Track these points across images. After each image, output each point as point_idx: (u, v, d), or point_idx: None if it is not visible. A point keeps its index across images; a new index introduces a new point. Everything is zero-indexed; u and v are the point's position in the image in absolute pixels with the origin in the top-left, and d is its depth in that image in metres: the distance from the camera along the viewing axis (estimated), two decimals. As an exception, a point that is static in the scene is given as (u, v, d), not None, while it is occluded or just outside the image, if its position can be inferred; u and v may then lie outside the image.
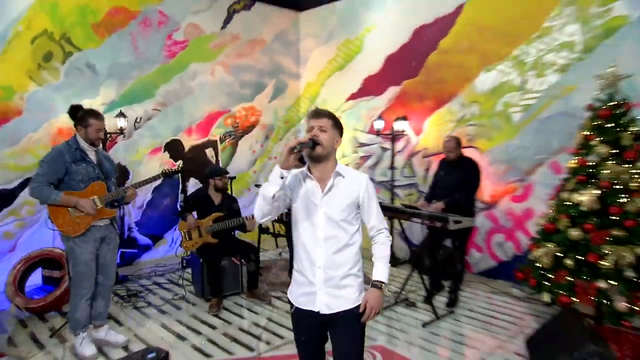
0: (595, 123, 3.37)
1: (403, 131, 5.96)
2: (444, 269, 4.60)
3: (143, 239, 6.05)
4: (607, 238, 3.11)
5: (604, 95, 3.46)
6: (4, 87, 4.80)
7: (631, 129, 3.25)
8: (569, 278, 3.20)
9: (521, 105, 5.03)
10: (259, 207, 1.97)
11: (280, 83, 7.42)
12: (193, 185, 6.48)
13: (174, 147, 6.25)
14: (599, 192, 3.18)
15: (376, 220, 2.07)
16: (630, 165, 3.19)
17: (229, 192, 5.25)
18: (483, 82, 5.34)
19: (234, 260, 4.51)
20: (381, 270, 2.02)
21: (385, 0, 6.30)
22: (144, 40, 5.78)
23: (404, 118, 5.88)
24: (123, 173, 5.73)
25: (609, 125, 3.29)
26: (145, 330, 3.78)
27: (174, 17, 6.03)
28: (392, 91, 6.32)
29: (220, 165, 6.74)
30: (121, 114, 5.25)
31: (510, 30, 5.06)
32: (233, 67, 6.76)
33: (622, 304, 2.98)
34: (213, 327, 3.82)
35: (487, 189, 5.34)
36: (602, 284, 3.08)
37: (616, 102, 3.34)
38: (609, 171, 3.18)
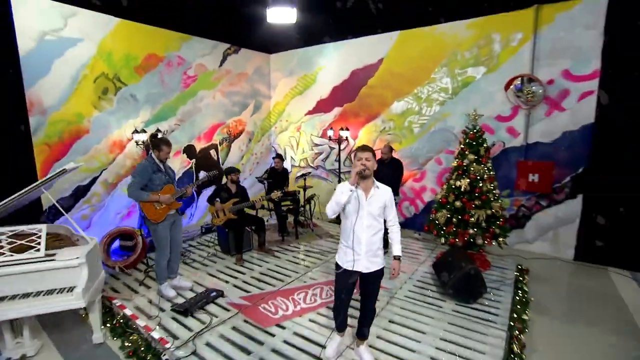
0: (467, 141, 4.29)
1: (346, 138, 6.64)
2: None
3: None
4: (473, 206, 4.09)
5: (470, 126, 4.36)
6: (77, 114, 4.74)
7: (484, 145, 4.22)
8: (454, 229, 4.16)
9: (418, 124, 5.94)
10: (332, 209, 2.27)
11: (257, 102, 7.70)
12: (202, 175, 6.66)
13: (189, 150, 6.39)
14: (469, 180, 4.13)
15: (393, 217, 2.42)
16: (484, 166, 4.17)
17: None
18: (396, 107, 6.15)
19: (247, 229, 4.95)
20: (398, 249, 2.45)
21: (331, 51, 6.81)
22: (169, 75, 5.81)
23: (347, 129, 6.55)
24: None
25: (474, 143, 4.22)
26: (199, 277, 4.18)
27: (188, 59, 6.08)
28: (337, 110, 6.95)
29: (220, 161, 6.98)
30: (158, 130, 5.34)
31: (412, 77, 5.89)
32: (227, 93, 6.93)
33: (479, 241, 4.02)
34: (242, 273, 4.33)
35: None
36: (470, 231, 4.09)
37: (476, 130, 4.28)
38: (474, 169, 4.13)
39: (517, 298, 3.64)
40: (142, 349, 2.82)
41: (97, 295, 2.97)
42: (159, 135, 5.50)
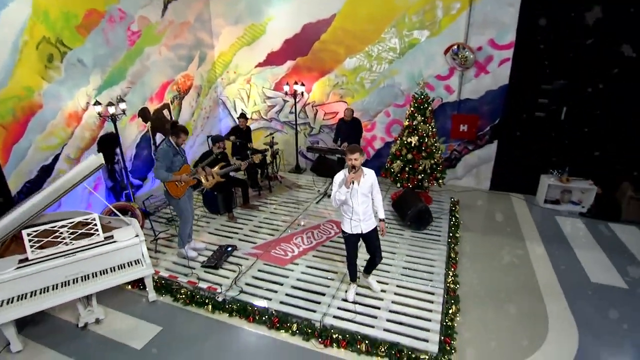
0: (416, 105, 5.89)
1: (301, 93, 7.76)
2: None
3: (135, 181, 6.91)
4: (421, 157, 5.89)
5: (419, 92, 5.94)
6: (26, 88, 4.94)
7: (429, 109, 5.89)
8: (407, 176, 5.98)
9: (369, 79, 7.36)
10: (336, 203, 3.52)
11: (202, 53, 8.11)
12: (159, 138, 7.29)
13: (144, 113, 6.87)
14: (417, 137, 5.85)
15: (376, 191, 3.64)
16: (429, 125, 5.90)
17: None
18: (348, 64, 7.40)
19: (233, 190, 6.11)
20: (382, 213, 3.73)
21: (281, 1, 7.44)
22: (113, 33, 6.01)
23: (302, 84, 7.63)
24: (115, 139, 6.29)
25: (421, 107, 5.86)
26: (206, 238, 5.35)
27: (129, 12, 6.23)
28: (289, 63, 7.89)
29: (174, 118, 7.57)
30: (121, 100, 5.80)
31: (363, 36, 7.11)
32: (172, 46, 7.26)
33: (425, 183, 5.94)
34: (240, 229, 5.63)
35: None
36: (419, 177, 5.95)
37: (424, 96, 5.89)
38: (421, 128, 5.83)
39: (452, 222, 5.75)
40: (197, 296, 4.12)
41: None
42: (121, 103, 5.89)
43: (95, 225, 3.65)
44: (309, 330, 3.63)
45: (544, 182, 6.51)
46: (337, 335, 3.55)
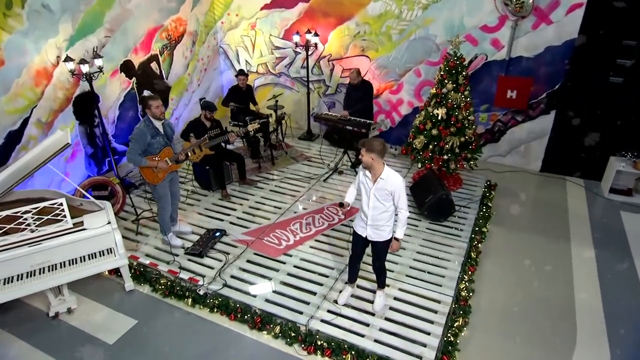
0: (447, 68, 5.73)
1: (315, 44, 7.65)
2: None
3: (120, 147, 7.26)
4: (449, 133, 5.82)
5: (452, 52, 5.74)
6: (-18, 41, 5.17)
7: (463, 73, 5.72)
8: (430, 154, 5.96)
9: (397, 29, 7.14)
10: (351, 197, 3.85)
11: (197, -9, 8.07)
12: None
13: (127, 67, 7.07)
14: (445, 109, 5.75)
15: (401, 204, 3.55)
16: (462, 94, 5.76)
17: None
18: (373, 9, 7.17)
19: (227, 163, 6.35)
20: (399, 232, 3.66)
21: None
22: (83, -31, 6.07)
23: (316, 33, 7.51)
24: (94, 100, 6.58)
25: (453, 71, 5.69)
26: (194, 219, 5.70)
27: (104, -58, 6.23)
28: (301, 6, 7.73)
29: (164, 74, 7.76)
30: (97, 55, 6.02)
31: (392, -28, 6.80)
32: (159, -17, 7.26)
33: (452, 165, 5.92)
34: (233, 209, 5.94)
35: (374, 85, 7.67)
36: (444, 157, 5.92)
37: (458, 57, 5.69)
38: (451, 98, 5.71)
39: (481, 213, 5.77)
40: (177, 289, 4.50)
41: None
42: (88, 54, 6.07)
43: (63, 211, 3.99)
44: (293, 334, 3.94)
45: (613, 166, 6.28)
46: (322, 342, 3.83)
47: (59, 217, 4.00)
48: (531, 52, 6.46)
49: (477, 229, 5.46)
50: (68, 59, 5.76)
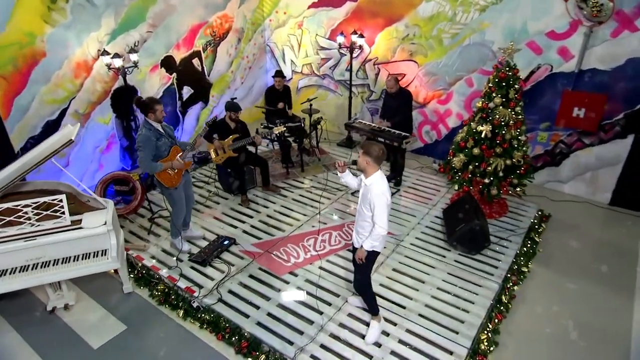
0: (497, 80, 5.04)
1: (360, 46, 7.22)
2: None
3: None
4: (493, 154, 5.14)
5: (504, 61, 5.04)
6: (27, 34, 5.35)
7: (515, 87, 5.00)
8: (469, 176, 5.31)
9: (450, 33, 6.50)
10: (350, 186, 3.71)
11: (246, -12, 7.96)
12: (186, 92, 7.56)
13: (167, 63, 7.11)
14: (491, 126, 5.07)
15: (375, 216, 3.30)
16: (512, 110, 5.05)
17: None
18: (424, 10, 6.59)
19: (250, 167, 6.14)
20: (366, 242, 3.43)
21: None
22: (130, -34, 6.15)
23: (361, 35, 7.07)
24: (133, 92, 6.69)
25: (503, 83, 5.00)
26: (206, 223, 5.56)
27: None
28: (349, 5, 7.33)
29: (205, 71, 7.74)
30: (132, 50, 6.05)
31: (448, -30, 6.18)
32: (206, -21, 7.22)
33: (493, 190, 5.22)
34: (250, 216, 5.71)
35: (421, 93, 7.11)
36: (486, 180, 5.24)
37: (510, 68, 4.99)
38: (499, 114, 5.02)
39: (525, 249, 5.02)
40: (173, 297, 4.34)
41: (123, 253, 4.36)
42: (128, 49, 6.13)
43: (62, 207, 3.96)
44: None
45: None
46: (307, 382, 3.46)
47: (58, 214, 3.98)
48: (607, 64, 5.53)
49: (515, 267, 4.75)
50: (105, 52, 5.87)
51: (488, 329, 3.96)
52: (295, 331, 3.94)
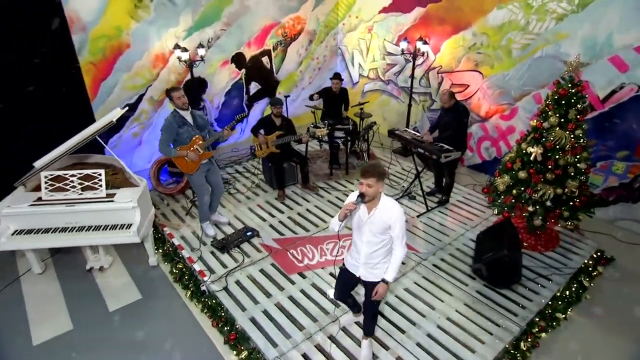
0: (555, 97, 4.20)
1: (423, 53, 6.62)
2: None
3: (220, 130, 7.49)
4: (541, 179, 4.31)
5: (567, 76, 4.17)
6: (115, 27, 5.76)
7: (578, 106, 4.11)
8: (512, 201, 4.52)
9: (520, 44, 5.62)
10: (332, 226, 2.88)
11: (321, -9, 7.75)
12: (253, 87, 7.61)
13: (238, 59, 7.21)
14: (543, 149, 4.24)
15: (397, 239, 2.81)
16: (570, 133, 4.17)
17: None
18: (494, 17, 5.79)
19: (292, 163, 5.96)
20: (390, 275, 2.87)
21: None
22: (210, -30, 6.29)
23: (426, 42, 6.45)
24: (202, 84, 6.90)
25: (563, 101, 4.14)
26: (240, 212, 5.51)
27: (232, -54, 6.34)
28: (418, 11, 6.74)
29: (274, 69, 7.71)
30: (200, 45, 6.20)
31: (524, -26, 5.32)
32: (282, -18, 7.15)
33: (537, 221, 4.38)
34: (281, 212, 5.53)
35: (483, 106, 6.30)
36: (529, 208, 4.42)
37: (573, 84, 4.11)
38: (554, 136, 4.18)
39: (567, 292, 4.14)
40: (186, 277, 4.34)
41: (149, 229, 4.46)
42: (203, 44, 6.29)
43: (100, 181, 4.16)
44: (255, 367, 3.38)
45: None
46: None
47: (97, 186, 4.18)
48: None
49: (549, 312, 3.93)
50: (177, 46, 6.10)
51: (492, 378, 3.30)
52: (283, 334, 3.67)
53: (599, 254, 4.69)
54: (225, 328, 3.75)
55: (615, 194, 5.22)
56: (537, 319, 3.84)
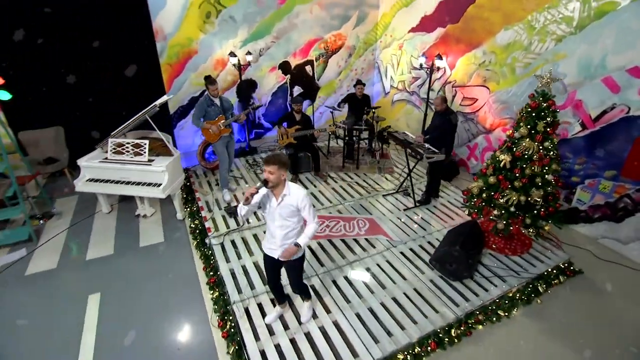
0: (529, 109, 3.77)
1: (438, 68, 6.27)
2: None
3: (266, 124, 7.84)
4: (509, 186, 3.91)
5: (539, 90, 3.71)
6: (187, 38, 6.32)
7: (547, 120, 3.65)
8: (482, 204, 4.15)
9: (523, 62, 5.07)
10: (241, 213, 2.70)
11: (362, 13, 7.66)
12: (296, 90, 7.80)
13: (284, 66, 7.45)
14: (511, 157, 3.84)
15: (309, 218, 2.77)
16: (538, 144, 3.72)
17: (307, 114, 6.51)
18: (502, 37, 5.29)
19: (308, 153, 6.06)
20: (302, 239, 2.78)
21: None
22: (265, -7, 6.59)
23: (440, 57, 6.10)
24: (252, 85, 7.25)
25: (533, 113, 3.71)
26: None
27: (285, -27, 6.56)
28: (439, 31, 6.38)
29: (315, 77, 7.83)
30: (249, 53, 6.54)
31: (530, -4, 4.79)
32: (326, 5, 7.22)
33: (499, 225, 3.98)
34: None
35: (489, 119, 5.80)
36: (495, 212, 4.03)
37: (544, 98, 3.65)
38: (522, 145, 3.76)
39: (518, 295, 3.72)
40: (198, 231, 4.70)
41: (177, 190, 4.90)
42: (255, 53, 6.64)
43: (144, 149, 4.67)
44: (220, 305, 3.58)
45: None
46: (232, 326, 3.36)
47: (142, 152, 4.71)
48: None
49: (492, 308, 3.58)
50: (232, 54, 6.51)
51: (411, 352, 3.13)
52: (250, 285, 3.82)
53: (566, 264, 4.12)
54: (210, 273, 4.00)
55: (600, 212, 4.52)
56: (477, 312, 3.52)
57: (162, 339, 3.30)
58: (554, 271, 4.03)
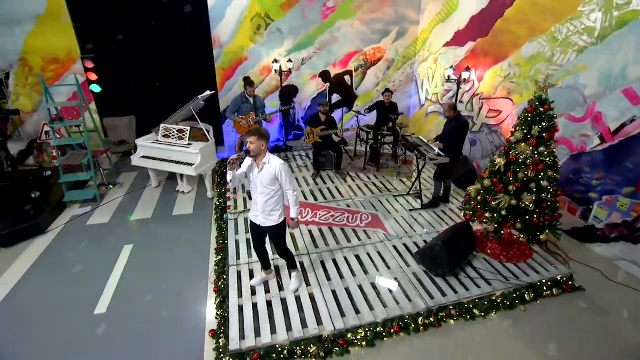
0: (526, 114, 3.66)
1: (464, 80, 6.18)
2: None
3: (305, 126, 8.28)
4: (502, 189, 3.79)
5: (536, 94, 3.59)
6: (240, 46, 7.10)
7: (543, 125, 3.51)
8: (477, 206, 4.05)
9: (545, 74, 4.81)
10: (228, 179, 3.02)
11: (402, 29, 7.83)
12: (335, 98, 8.17)
13: (324, 75, 7.88)
14: (506, 160, 3.73)
15: (287, 186, 3.04)
16: (533, 149, 3.58)
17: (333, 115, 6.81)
18: (526, 50, 5.11)
19: (331, 152, 6.35)
20: (293, 212, 3.14)
21: (479, -33, 5.87)
22: (309, 9, 7.13)
23: (468, 69, 6.04)
24: (294, 91, 7.78)
25: (529, 117, 3.59)
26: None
27: (328, -9, 7.05)
28: (469, 45, 6.31)
29: (354, 86, 8.13)
30: (290, 61, 7.10)
31: (554, 9, 4.61)
32: (367, 20, 7.54)
33: (489, 227, 3.86)
34: (308, 184, 5.98)
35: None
36: (487, 215, 3.92)
37: (541, 102, 3.53)
38: (519, 150, 3.65)
39: (500, 300, 3.57)
40: (220, 208, 5.25)
41: (208, 171, 5.51)
42: (297, 62, 7.19)
43: (186, 135, 5.39)
44: (220, 267, 4.01)
45: None
46: (222, 283, 3.76)
47: (184, 137, 5.43)
48: None
49: (468, 306, 3.49)
50: (275, 61, 7.14)
51: (374, 330, 3.22)
52: (249, 254, 4.19)
53: (564, 279, 3.82)
54: (220, 241, 4.47)
55: (618, 232, 4.10)
56: (451, 307, 3.46)
57: (168, 285, 3.81)
58: (548, 283, 3.75)
